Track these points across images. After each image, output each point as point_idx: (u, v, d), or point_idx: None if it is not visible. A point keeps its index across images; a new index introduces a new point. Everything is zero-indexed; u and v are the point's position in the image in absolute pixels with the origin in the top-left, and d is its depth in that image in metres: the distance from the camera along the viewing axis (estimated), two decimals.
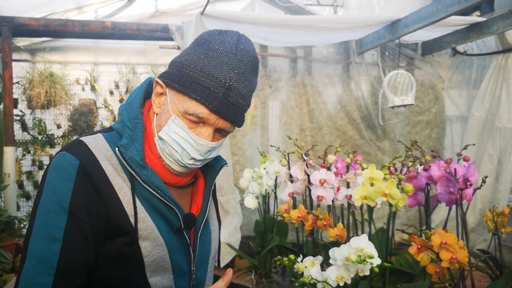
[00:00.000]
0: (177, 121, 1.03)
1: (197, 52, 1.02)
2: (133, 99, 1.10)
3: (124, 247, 0.98)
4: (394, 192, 1.80)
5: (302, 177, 2.18)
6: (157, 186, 1.02)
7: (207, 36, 1.04)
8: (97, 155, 1.00)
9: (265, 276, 2.51)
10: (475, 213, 3.11)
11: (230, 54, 1.01)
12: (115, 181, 1.00)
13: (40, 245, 0.92)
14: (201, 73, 1.00)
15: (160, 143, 1.06)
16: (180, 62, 1.04)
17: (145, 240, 1.00)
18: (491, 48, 3.18)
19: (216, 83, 0.99)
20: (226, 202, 2.88)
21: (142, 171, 1.01)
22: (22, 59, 3.14)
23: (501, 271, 2.21)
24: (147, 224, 1.01)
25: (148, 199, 1.02)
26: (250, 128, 3.32)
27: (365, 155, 3.39)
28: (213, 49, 1.01)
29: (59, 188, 0.95)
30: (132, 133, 1.04)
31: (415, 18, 2.59)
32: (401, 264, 2.19)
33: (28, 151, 3.13)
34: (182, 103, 1.01)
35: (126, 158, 1.01)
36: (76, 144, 1.02)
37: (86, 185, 0.96)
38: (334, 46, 3.41)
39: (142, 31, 2.94)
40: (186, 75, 1.01)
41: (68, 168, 0.96)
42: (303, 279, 1.52)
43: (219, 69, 1.00)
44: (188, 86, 1.00)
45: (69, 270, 0.92)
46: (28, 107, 3.10)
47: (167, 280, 1.04)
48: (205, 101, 0.99)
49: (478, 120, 3.18)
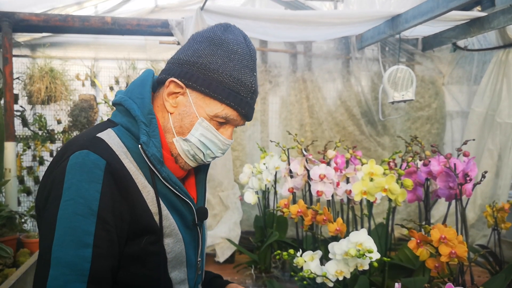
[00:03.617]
0: (205, 124, 1.04)
1: (219, 55, 1.02)
2: (142, 92, 1.06)
3: (150, 245, 0.98)
4: (394, 187, 1.80)
5: (302, 172, 2.18)
6: (174, 182, 1.03)
7: (220, 35, 1.05)
8: (118, 153, 0.97)
9: (264, 271, 2.52)
10: (475, 208, 3.12)
11: (247, 56, 1.05)
12: (139, 179, 0.98)
13: (69, 251, 0.87)
14: (231, 78, 1.02)
15: (183, 144, 1.06)
16: (204, 65, 1.02)
17: (168, 237, 1.01)
18: (491, 43, 3.17)
19: (245, 88, 1.03)
20: (226, 197, 2.88)
21: (162, 167, 1.01)
22: (22, 54, 3.14)
23: (501, 267, 2.22)
24: (170, 221, 1.01)
25: (166, 195, 1.03)
26: (250, 124, 3.32)
27: (365, 150, 3.39)
28: (233, 51, 1.03)
29: (85, 190, 0.90)
30: (148, 129, 1.02)
31: (415, 13, 2.58)
32: (400, 259, 2.19)
33: (28, 146, 3.14)
34: (211, 107, 1.03)
35: (149, 155, 0.99)
36: (97, 142, 0.98)
37: (112, 186, 0.93)
38: (334, 42, 3.40)
39: (142, 26, 2.94)
40: (216, 80, 1.01)
41: (94, 168, 0.92)
42: (302, 274, 1.53)
43: (244, 74, 1.03)
44: (220, 91, 1.01)
45: (100, 276, 0.90)
46: (28, 103, 3.10)
47: (182, 273, 1.07)
48: (238, 107, 1.03)
49: (478, 116, 3.17)
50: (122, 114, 1.06)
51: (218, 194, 2.89)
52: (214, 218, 2.88)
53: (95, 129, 1.03)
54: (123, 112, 1.06)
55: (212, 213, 2.87)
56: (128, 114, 1.04)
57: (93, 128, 1.06)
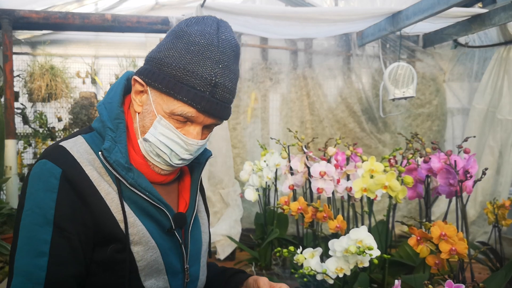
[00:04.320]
0: (163, 122, 0.98)
1: (177, 48, 0.96)
2: (112, 97, 1.04)
3: (116, 254, 0.96)
4: (394, 184, 1.80)
5: (302, 169, 2.18)
6: (144, 188, 0.99)
7: (185, 27, 0.97)
8: (80, 161, 0.96)
9: (265, 268, 2.52)
10: (476, 205, 3.12)
11: (212, 47, 0.95)
12: (101, 186, 0.96)
13: (26, 260, 0.89)
14: (185, 72, 0.94)
15: (145, 145, 1.02)
16: (160, 59, 0.97)
17: (137, 245, 0.97)
18: (492, 40, 3.16)
19: (202, 82, 0.94)
20: (226, 194, 2.89)
21: (128, 173, 0.97)
22: (22, 52, 3.15)
23: (501, 263, 2.22)
24: (137, 229, 0.98)
25: (136, 202, 0.99)
26: (251, 121, 3.32)
27: (366, 147, 3.39)
28: (194, 42, 0.95)
29: (41, 199, 0.91)
30: (114, 134, 0.99)
31: (416, 9, 2.57)
32: (400, 256, 2.19)
33: (29, 144, 3.14)
34: (167, 104, 0.97)
35: (111, 162, 0.96)
36: (56, 150, 0.97)
37: (70, 194, 0.92)
38: (335, 38, 3.39)
39: (142, 23, 2.94)
40: (169, 74, 0.95)
41: (49, 177, 0.92)
42: (302, 271, 1.53)
43: (203, 66, 0.94)
44: (172, 86, 0.95)
45: (59, 283, 0.90)
46: (29, 100, 3.11)
47: (161, 281, 1.03)
48: (192, 102, 0.95)
49: (479, 113, 3.17)
50: (98, 119, 1.05)
51: (219, 192, 2.90)
52: (214, 216, 2.88)
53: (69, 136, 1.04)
54: (98, 118, 1.05)
55: (212, 210, 2.87)
56: (101, 120, 1.03)
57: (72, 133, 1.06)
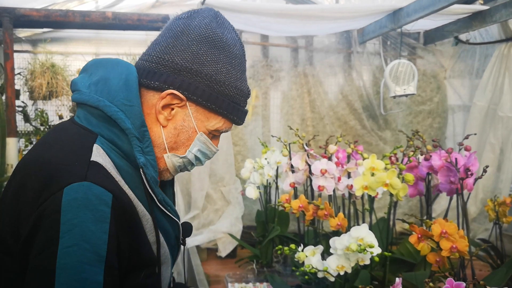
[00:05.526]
0: (203, 139, 0.94)
1: (223, 62, 0.90)
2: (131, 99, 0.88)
3: (147, 279, 0.88)
4: (395, 182, 1.80)
5: (303, 167, 2.18)
6: (167, 203, 0.93)
7: (220, 34, 0.91)
8: (117, 179, 0.83)
9: (266, 266, 2.52)
10: (477, 202, 3.12)
11: (243, 57, 0.94)
12: (139, 208, 0.86)
13: None
14: (235, 90, 0.92)
15: (176, 161, 0.94)
16: (210, 76, 0.89)
17: (163, 265, 0.93)
18: (494, 36, 3.15)
19: (244, 98, 0.95)
20: (227, 192, 2.89)
21: (157, 189, 0.89)
22: (23, 50, 3.14)
23: (502, 261, 2.22)
24: (164, 249, 0.93)
25: (159, 219, 0.92)
26: (252, 119, 3.32)
27: (367, 145, 3.39)
28: (234, 55, 0.92)
29: (92, 232, 0.74)
30: (142, 145, 0.87)
31: (417, 6, 2.57)
32: (401, 254, 2.19)
33: (30, 142, 3.14)
34: (211, 121, 0.93)
35: (148, 178, 0.86)
36: (96, 169, 0.80)
37: (122, 223, 0.80)
38: (336, 36, 3.38)
39: (143, 21, 2.93)
40: (221, 93, 0.90)
41: (99, 205, 0.76)
42: (304, 268, 1.54)
43: (243, 81, 0.94)
44: (226, 106, 0.91)
45: None
46: (30, 98, 3.11)
47: None
48: (238, 120, 0.95)
49: (480, 110, 3.16)
50: (101, 121, 0.87)
51: (220, 189, 2.90)
52: (215, 213, 2.89)
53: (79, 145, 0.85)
54: (102, 119, 0.87)
55: (213, 208, 2.88)
56: (110, 123, 0.87)
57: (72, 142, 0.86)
